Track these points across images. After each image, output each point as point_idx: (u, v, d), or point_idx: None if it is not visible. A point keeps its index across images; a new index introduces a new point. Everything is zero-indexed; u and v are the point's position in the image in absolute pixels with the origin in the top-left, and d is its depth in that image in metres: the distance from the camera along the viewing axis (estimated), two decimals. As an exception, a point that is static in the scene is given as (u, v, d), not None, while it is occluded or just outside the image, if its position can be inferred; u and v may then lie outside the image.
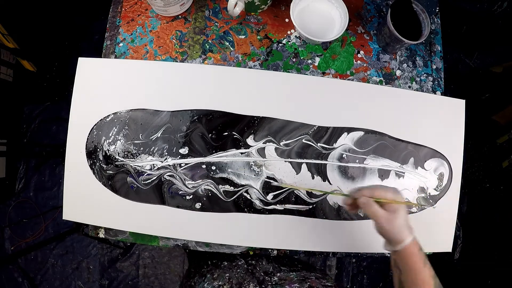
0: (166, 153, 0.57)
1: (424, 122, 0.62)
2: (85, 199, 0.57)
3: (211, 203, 0.57)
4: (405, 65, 0.66)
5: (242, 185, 0.58)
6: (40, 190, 1.33)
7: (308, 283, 0.48)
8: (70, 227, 1.28)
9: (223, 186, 0.57)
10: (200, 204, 0.57)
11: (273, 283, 0.52)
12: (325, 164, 0.59)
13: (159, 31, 0.63)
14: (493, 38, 1.38)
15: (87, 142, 0.58)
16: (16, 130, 1.34)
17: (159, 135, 0.58)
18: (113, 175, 0.57)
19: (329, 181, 0.59)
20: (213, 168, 0.57)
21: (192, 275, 0.63)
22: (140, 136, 0.58)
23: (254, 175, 0.58)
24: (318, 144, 0.59)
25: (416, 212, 0.61)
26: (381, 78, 0.65)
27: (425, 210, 0.61)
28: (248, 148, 0.58)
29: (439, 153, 0.62)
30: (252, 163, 0.58)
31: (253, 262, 0.61)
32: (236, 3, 0.59)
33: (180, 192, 0.57)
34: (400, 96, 0.62)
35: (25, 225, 1.29)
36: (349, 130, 0.60)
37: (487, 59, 1.47)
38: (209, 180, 0.57)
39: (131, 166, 0.57)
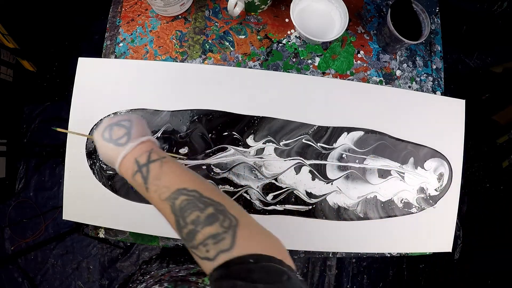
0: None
1: (424, 122, 0.62)
2: (85, 199, 0.57)
3: (211, 203, 0.57)
4: (405, 65, 0.66)
5: (242, 186, 0.58)
6: (40, 190, 1.32)
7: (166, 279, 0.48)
8: (70, 227, 1.28)
9: (223, 187, 0.57)
10: (200, 204, 0.57)
11: (140, 281, 0.53)
12: (325, 164, 0.59)
13: (159, 31, 0.63)
14: (493, 38, 1.38)
15: (87, 142, 0.58)
16: (16, 130, 1.34)
17: (159, 135, 0.58)
18: (113, 175, 0.57)
19: (329, 181, 0.59)
20: (214, 168, 0.57)
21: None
22: (140, 136, 0.58)
23: (254, 176, 0.58)
24: (318, 144, 0.59)
25: (416, 212, 0.61)
26: (381, 78, 0.65)
27: (425, 210, 0.61)
28: (248, 148, 0.58)
29: (439, 153, 0.62)
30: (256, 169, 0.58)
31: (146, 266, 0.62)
32: (236, 3, 0.59)
33: (180, 192, 0.57)
34: (400, 96, 0.62)
35: (25, 225, 1.29)
36: (349, 130, 0.60)
37: (487, 59, 1.47)
38: (209, 181, 0.57)
39: (131, 166, 0.57)
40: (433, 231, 0.62)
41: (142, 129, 0.40)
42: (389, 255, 0.62)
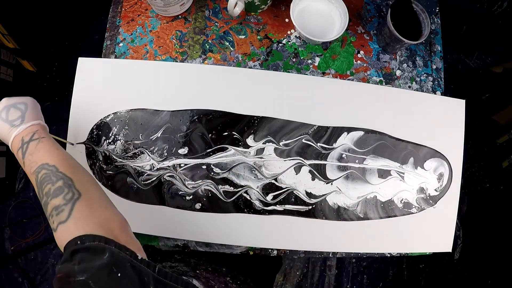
0: (166, 153, 0.57)
1: (424, 122, 0.62)
2: (85, 199, 0.57)
3: (211, 204, 0.57)
4: (405, 65, 0.66)
5: (242, 186, 0.58)
6: (40, 190, 1.32)
7: None
8: (70, 227, 1.28)
9: (223, 187, 0.57)
10: (200, 204, 0.57)
11: None
12: (325, 164, 0.59)
13: (159, 31, 0.63)
14: (493, 38, 1.38)
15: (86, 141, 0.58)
16: (16, 130, 1.34)
17: (159, 135, 0.58)
18: (113, 175, 0.57)
19: (329, 181, 0.59)
20: (214, 168, 0.57)
21: None
22: (140, 136, 0.58)
23: (254, 176, 0.58)
24: (318, 144, 0.59)
25: (416, 212, 0.61)
26: (381, 78, 0.65)
27: (425, 210, 0.61)
28: (248, 148, 0.58)
29: (439, 153, 0.62)
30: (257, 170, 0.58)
31: None
32: (236, 3, 0.59)
33: (180, 193, 0.57)
34: (400, 96, 0.62)
35: (25, 225, 1.29)
36: (349, 130, 0.60)
37: (487, 59, 1.47)
38: (209, 181, 0.57)
39: (131, 166, 0.57)
40: (433, 231, 0.61)
41: (36, 113, 0.46)
42: (389, 255, 0.62)
